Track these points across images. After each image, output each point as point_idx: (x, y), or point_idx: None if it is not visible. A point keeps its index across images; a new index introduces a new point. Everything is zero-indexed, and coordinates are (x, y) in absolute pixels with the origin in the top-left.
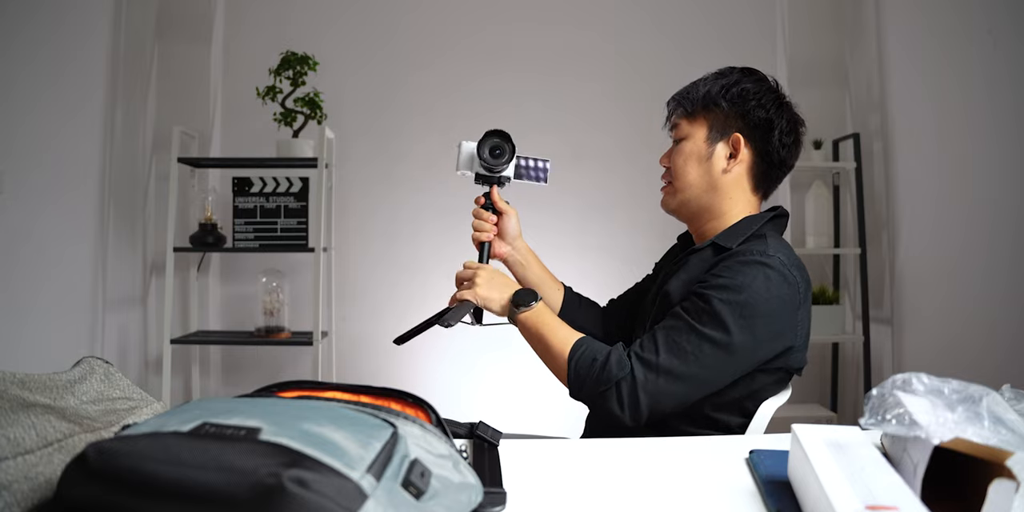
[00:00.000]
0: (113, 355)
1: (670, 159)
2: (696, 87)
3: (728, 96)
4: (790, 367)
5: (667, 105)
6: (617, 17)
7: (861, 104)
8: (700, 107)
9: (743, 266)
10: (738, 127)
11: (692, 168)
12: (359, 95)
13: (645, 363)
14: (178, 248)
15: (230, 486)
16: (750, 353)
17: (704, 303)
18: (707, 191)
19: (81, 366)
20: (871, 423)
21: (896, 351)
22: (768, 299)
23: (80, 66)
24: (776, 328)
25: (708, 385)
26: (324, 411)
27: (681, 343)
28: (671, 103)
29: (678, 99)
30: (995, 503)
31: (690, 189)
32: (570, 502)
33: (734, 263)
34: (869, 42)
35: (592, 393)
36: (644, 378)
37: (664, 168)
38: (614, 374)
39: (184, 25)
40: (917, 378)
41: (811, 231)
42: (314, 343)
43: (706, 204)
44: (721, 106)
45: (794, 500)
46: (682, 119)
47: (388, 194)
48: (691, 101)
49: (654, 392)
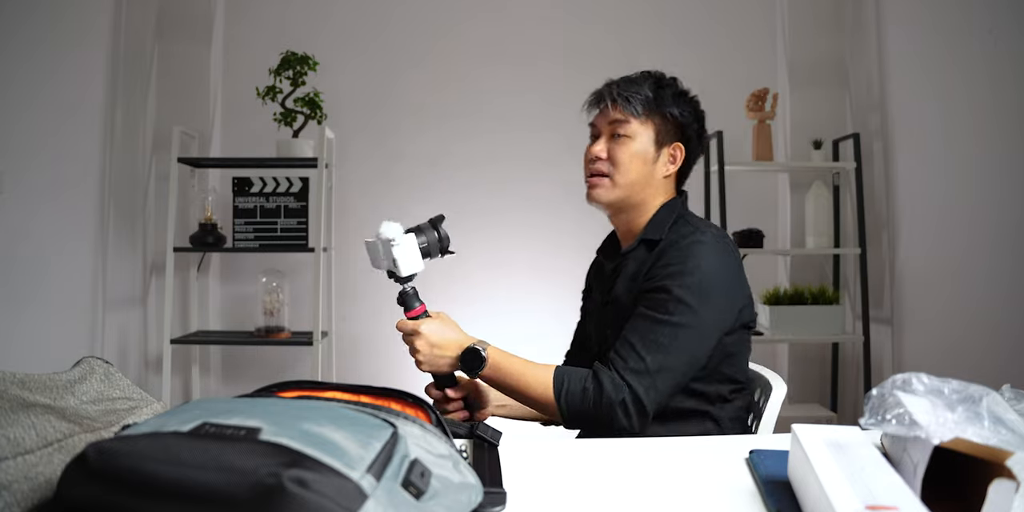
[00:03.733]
0: (113, 355)
1: (610, 152)
2: (640, 88)
3: (678, 107)
4: (746, 323)
5: (606, 95)
6: (617, 15)
7: (861, 104)
8: (651, 111)
9: (686, 250)
10: (679, 137)
11: (637, 167)
12: (359, 95)
13: (637, 373)
14: (178, 248)
15: (230, 486)
16: (719, 324)
17: (665, 294)
18: (643, 188)
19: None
20: (871, 423)
21: (896, 351)
22: (717, 272)
23: (80, 66)
24: (731, 295)
25: (694, 365)
26: (324, 411)
27: (658, 339)
28: (613, 95)
29: (626, 96)
30: (995, 503)
31: (630, 186)
32: (570, 502)
33: (675, 251)
34: (869, 42)
35: (596, 420)
36: (643, 387)
37: (595, 158)
38: (614, 398)
39: (184, 25)
40: (917, 378)
41: (811, 231)
42: (314, 343)
43: (639, 200)
44: (668, 116)
45: (794, 500)
46: (631, 117)
47: (388, 194)
48: (641, 103)
49: (654, 393)
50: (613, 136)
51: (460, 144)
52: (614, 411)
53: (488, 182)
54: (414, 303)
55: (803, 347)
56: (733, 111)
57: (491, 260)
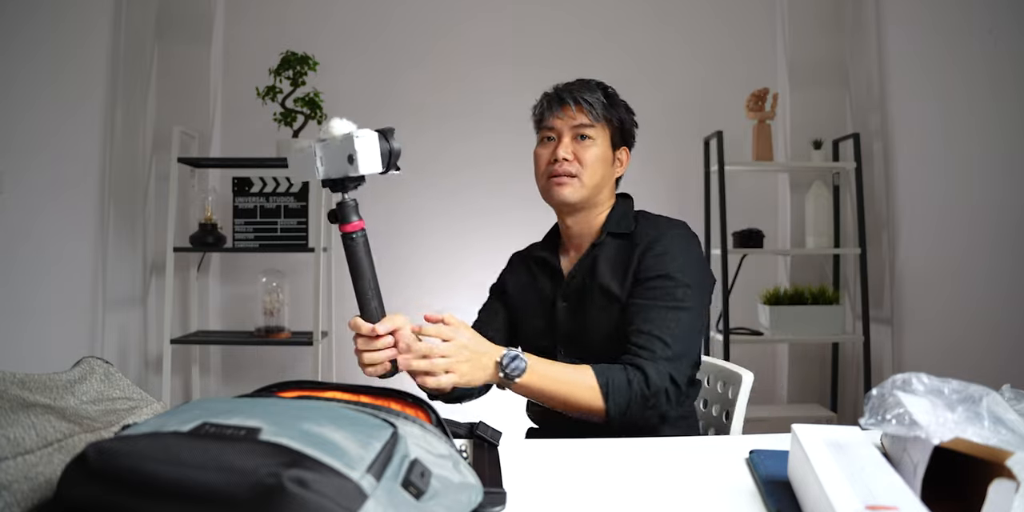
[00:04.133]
0: (113, 355)
1: (576, 154)
2: (595, 93)
3: (625, 114)
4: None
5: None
6: (617, 16)
7: (861, 104)
8: (607, 115)
9: (675, 240)
10: (624, 142)
11: (600, 169)
12: (359, 95)
13: (669, 360)
14: (178, 248)
15: (230, 486)
16: (708, 299)
17: (671, 281)
18: (603, 189)
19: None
20: (871, 423)
21: (896, 351)
22: (698, 255)
23: (80, 66)
24: (709, 279)
25: (700, 338)
26: (324, 411)
27: (677, 326)
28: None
29: (588, 100)
30: (995, 503)
31: (596, 187)
32: (570, 502)
33: (665, 241)
34: (869, 42)
35: (642, 411)
36: (677, 372)
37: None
38: (660, 385)
39: (184, 25)
40: (917, 378)
41: (811, 231)
42: (314, 343)
43: (599, 200)
44: (617, 121)
45: (794, 500)
46: (593, 121)
47: (387, 193)
48: (600, 106)
49: (683, 376)
50: (576, 138)
51: (460, 144)
52: (659, 399)
53: (488, 182)
54: (352, 216)
55: (803, 347)
56: (733, 111)
57: (491, 260)
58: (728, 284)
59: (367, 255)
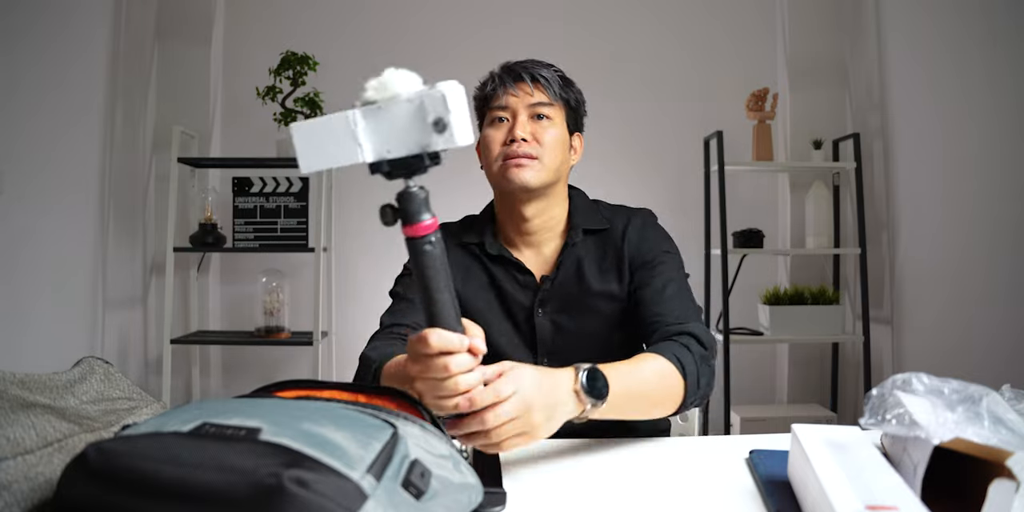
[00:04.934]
0: (113, 355)
1: (536, 135)
2: (548, 69)
3: (581, 96)
4: None
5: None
6: (617, 17)
7: (861, 104)
8: (564, 95)
9: (643, 221)
10: (578, 127)
11: (559, 153)
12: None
13: (699, 322)
14: (178, 248)
15: (230, 486)
16: None
17: (669, 256)
18: (561, 175)
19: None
20: (871, 423)
21: (896, 351)
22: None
23: (80, 66)
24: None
25: None
26: (324, 412)
27: (686, 294)
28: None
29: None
30: (995, 503)
31: (556, 170)
32: (570, 502)
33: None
34: (869, 42)
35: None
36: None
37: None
38: (709, 339)
39: (184, 25)
40: (917, 378)
41: (811, 231)
42: (314, 343)
43: (557, 189)
44: (572, 103)
45: (794, 500)
46: (550, 100)
47: (388, 194)
48: (558, 85)
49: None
50: (533, 117)
51: None
52: (714, 351)
53: (487, 183)
54: (424, 212)
55: (803, 347)
56: (733, 111)
57: None
58: (728, 284)
59: (445, 265)
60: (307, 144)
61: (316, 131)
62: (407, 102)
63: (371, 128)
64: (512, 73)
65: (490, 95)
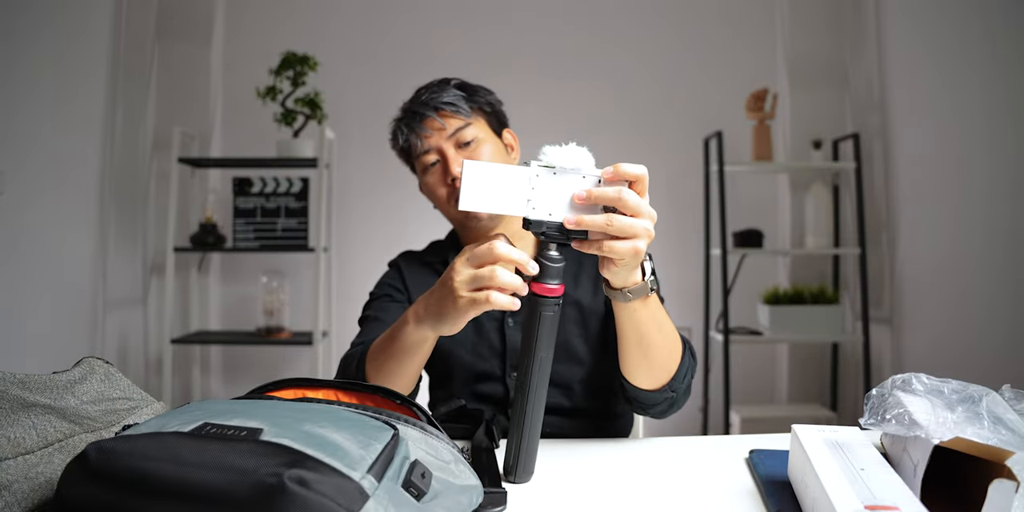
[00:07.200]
0: (113, 355)
1: None
2: (447, 90)
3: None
4: None
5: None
6: (616, 19)
7: (861, 104)
8: (473, 107)
9: None
10: (502, 123)
11: None
12: (359, 95)
13: None
14: (178, 248)
15: (231, 485)
16: None
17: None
18: None
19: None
20: (871, 423)
21: (896, 351)
22: None
23: (80, 66)
24: None
25: None
26: (325, 413)
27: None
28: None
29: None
30: (995, 503)
31: None
32: (570, 502)
33: None
34: (869, 42)
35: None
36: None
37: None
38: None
39: (184, 25)
40: (917, 378)
41: (811, 231)
42: (314, 343)
43: None
44: (486, 107)
45: (794, 500)
46: (465, 120)
47: (388, 194)
48: (463, 100)
49: None
50: (459, 146)
51: None
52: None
53: None
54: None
55: (803, 347)
56: (733, 111)
57: None
58: (728, 284)
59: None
60: (476, 183)
61: (490, 174)
62: (583, 178)
63: (544, 189)
64: (416, 115)
65: (407, 146)
